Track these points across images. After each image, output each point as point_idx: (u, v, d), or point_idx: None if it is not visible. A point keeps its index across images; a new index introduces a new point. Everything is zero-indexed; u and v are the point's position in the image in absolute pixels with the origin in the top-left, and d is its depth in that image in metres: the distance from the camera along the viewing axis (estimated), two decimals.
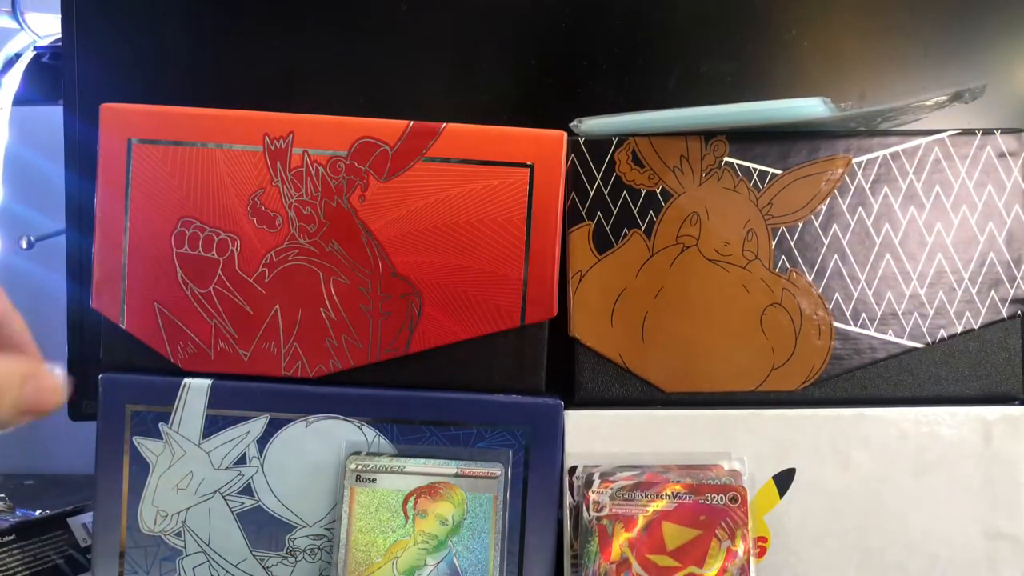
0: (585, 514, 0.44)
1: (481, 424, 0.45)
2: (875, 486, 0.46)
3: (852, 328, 0.46)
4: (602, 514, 0.44)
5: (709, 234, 0.47)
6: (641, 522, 0.43)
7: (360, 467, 0.44)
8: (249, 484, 0.46)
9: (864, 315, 0.46)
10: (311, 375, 0.46)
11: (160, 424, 0.46)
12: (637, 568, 0.43)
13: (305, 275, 0.46)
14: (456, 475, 0.44)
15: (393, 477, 0.44)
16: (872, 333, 0.46)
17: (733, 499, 0.43)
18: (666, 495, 0.44)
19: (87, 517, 0.59)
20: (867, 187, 0.47)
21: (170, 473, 0.46)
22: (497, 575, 0.43)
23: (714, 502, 0.43)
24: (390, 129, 0.46)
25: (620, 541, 0.43)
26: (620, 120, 0.47)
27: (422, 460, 0.44)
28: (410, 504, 0.44)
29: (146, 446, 0.46)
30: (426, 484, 0.44)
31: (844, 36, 0.58)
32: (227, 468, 0.46)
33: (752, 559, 0.43)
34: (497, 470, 0.44)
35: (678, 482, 0.44)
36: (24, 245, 0.70)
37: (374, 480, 0.44)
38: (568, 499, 0.45)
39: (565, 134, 0.46)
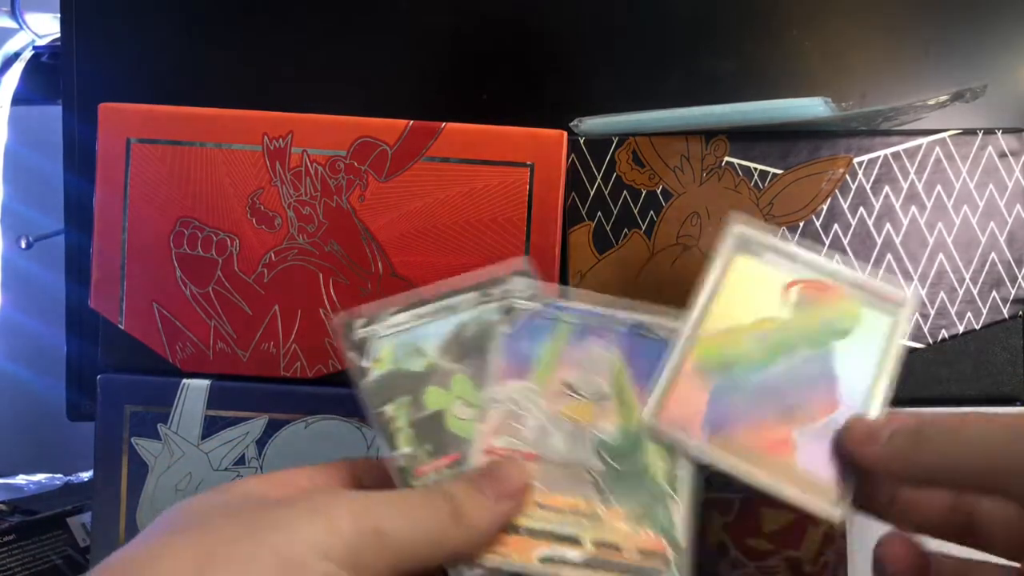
0: None
1: None
2: None
3: None
4: None
5: (710, 234, 0.47)
6: (736, 506, 0.43)
7: (749, 237, 0.38)
8: None
9: None
10: (310, 375, 0.46)
11: (159, 425, 0.46)
12: (735, 553, 0.43)
13: (304, 275, 0.46)
14: (853, 285, 0.37)
15: (780, 259, 0.38)
16: None
17: None
18: None
19: (86, 517, 0.59)
20: (868, 187, 0.46)
21: (169, 474, 0.46)
22: (877, 406, 0.37)
23: None
24: (390, 129, 0.45)
25: (717, 525, 0.43)
26: (620, 120, 0.47)
27: (816, 256, 0.38)
28: (793, 290, 0.37)
29: (145, 447, 0.46)
30: (815, 279, 0.37)
31: (845, 36, 0.57)
32: (226, 469, 0.46)
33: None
34: (902, 295, 0.37)
35: None
36: (23, 245, 0.70)
37: (760, 255, 0.38)
38: None
39: (565, 134, 0.46)
